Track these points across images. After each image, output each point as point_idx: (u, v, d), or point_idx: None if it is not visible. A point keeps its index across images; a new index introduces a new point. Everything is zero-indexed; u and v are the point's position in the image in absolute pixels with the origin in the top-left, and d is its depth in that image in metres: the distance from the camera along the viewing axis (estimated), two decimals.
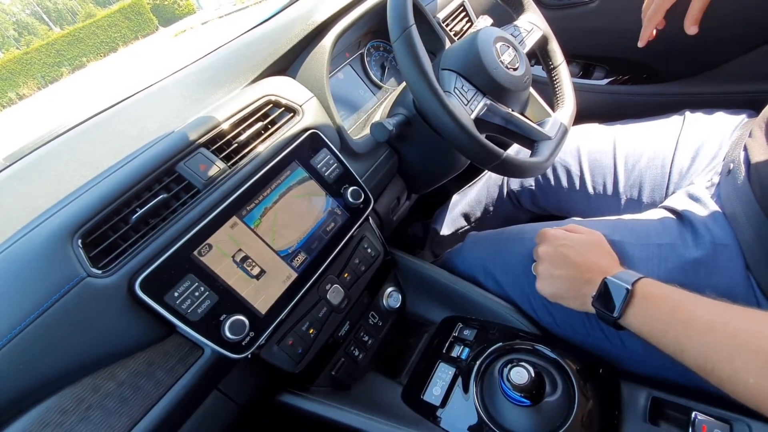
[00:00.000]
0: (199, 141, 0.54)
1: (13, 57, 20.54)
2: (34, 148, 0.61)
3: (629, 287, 0.46)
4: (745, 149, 0.57)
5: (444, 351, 0.64)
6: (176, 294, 0.46)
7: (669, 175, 0.71)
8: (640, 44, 0.75)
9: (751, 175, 0.53)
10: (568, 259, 0.53)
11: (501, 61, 0.63)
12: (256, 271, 0.53)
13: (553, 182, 0.86)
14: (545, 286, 0.56)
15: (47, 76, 21.14)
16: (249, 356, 0.51)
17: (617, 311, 0.46)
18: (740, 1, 0.79)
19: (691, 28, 0.68)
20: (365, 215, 0.66)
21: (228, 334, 0.48)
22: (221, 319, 0.48)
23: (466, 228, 1.06)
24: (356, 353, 0.67)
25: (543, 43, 0.75)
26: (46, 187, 0.51)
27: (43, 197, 0.50)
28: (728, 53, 0.87)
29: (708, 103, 0.77)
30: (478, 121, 0.62)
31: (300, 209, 0.58)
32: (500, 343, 0.60)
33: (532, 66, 0.70)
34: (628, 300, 0.46)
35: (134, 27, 24.20)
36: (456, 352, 0.63)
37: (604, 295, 0.48)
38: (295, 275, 0.56)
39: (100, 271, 0.44)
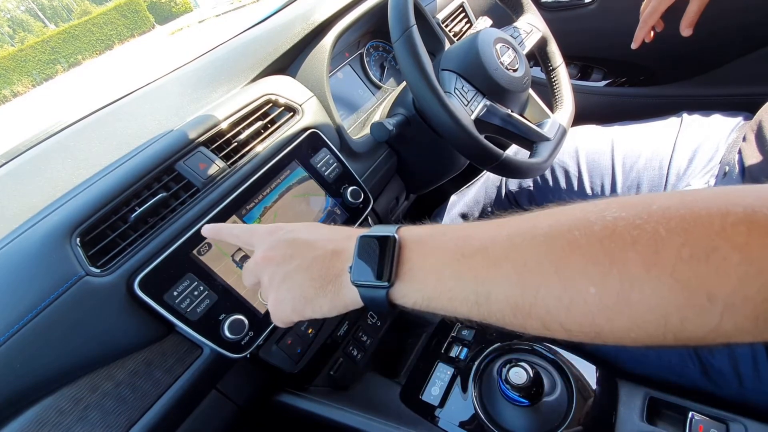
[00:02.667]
0: (199, 140, 0.54)
1: (8, 54, 20.37)
2: (30, 146, 0.60)
3: (394, 234, 0.31)
4: (740, 152, 0.58)
5: (443, 351, 0.64)
6: (175, 293, 0.46)
7: (666, 177, 0.71)
8: (634, 45, 0.76)
9: (746, 177, 0.54)
10: (300, 242, 0.35)
11: (501, 62, 0.63)
12: None
13: (551, 183, 0.86)
14: (281, 298, 0.34)
15: (42, 74, 20.98)
16: (248, 356, 0.51)
17: (388, 274, 0.29)
18: (737, 5, 0.80)
19: (686, 30, 0.68)
20: (365, 215, 0.66)
21: (227, 333, 0.48)
22: (220, 318, 0.48)
23: None
24: (355, 353, 0.67)
25: (542, 44, 0.75)
26: (43, 186, 0.51)
27: (39, 196, 0.50)
28: (725, 56, 0.88)
29: (705, 106, 0.78)
30: (478, 122, 0.62)
31: (299, 208, 0.58)
32: (499, 343, 0.60)
33: (531, 67, 0.70)
34: (398, 253, 0.30)
35: (130, 25, 24.07)
36: (455, 352, 0.63)
37: (361, 259, 0.31)
38: None
39: (98, 270, 0.44)
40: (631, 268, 0.21)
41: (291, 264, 0.34)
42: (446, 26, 0.92)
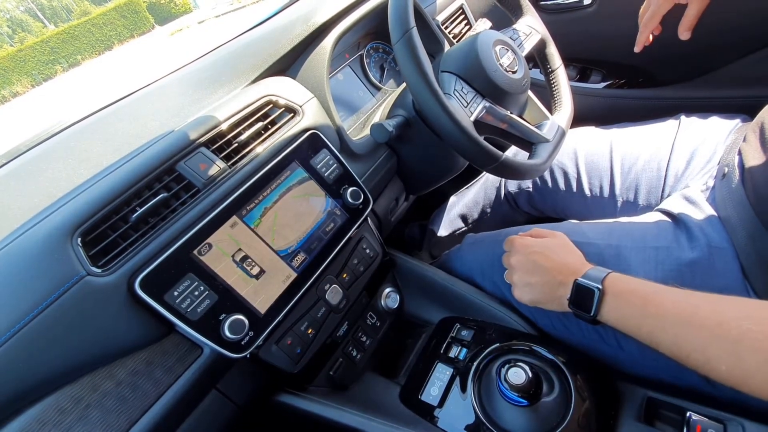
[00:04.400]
0: (200, 140, 0.54)
1: (7, 54, 20.34)
2: (30, 146, 0.60)
3: (600, 287, 0.48)
4: (740, 153, 0.58)
5: (442, 351, 0.64)
6: (176, 293, 0.46)
7: (665, 178, 0.72)
8: (637, 49, 0.76)
9: (745, 179, 0.54)
10: (539, 266, 0.55)
11: (500, 64, 0.63)
12: (255, 270, 0.53)
13: (550, 184, 0.87)
14: (523, 293, 0.58)
15: (42, 74, 20.96)
16: (248, 356, 0.51)
17: (592, 311, 0.48)
18: (735, 8, 0.81)
19: (684, 33, 0.69)
20: (364, 216, 0.66)
21: (227, 333, 0.48)
22: (221, 318, 0.48)
23: (463, 229, 1.07)
24: (354, 353, 0.67)
25: (541, 46, 0.75)
26: (44, 186, 0.51)
27: (40, 196, 0.50)
28: (724, 58, 0.89)
29: (703, 107, 0.78)
30: (477, 123, 0.62)
31: (300, 209, 0.59)
32: (498, 344, 0.60)
33: (530, 69, 0.70)
34: (600, 299, 0.47)
35: (130, 25, 24.06)
36: (454, 352, 0.64)
37: (577, 296, 0.50)
38: (294, 275, 0.56)
39: (99, 270, 0.44)
40: (749, 365, 0.35)
41: (532, 278, 0.56)
42: (446, 28, 0.93)
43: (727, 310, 0.39)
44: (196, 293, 0.47)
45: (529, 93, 0.72)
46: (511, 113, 0.65)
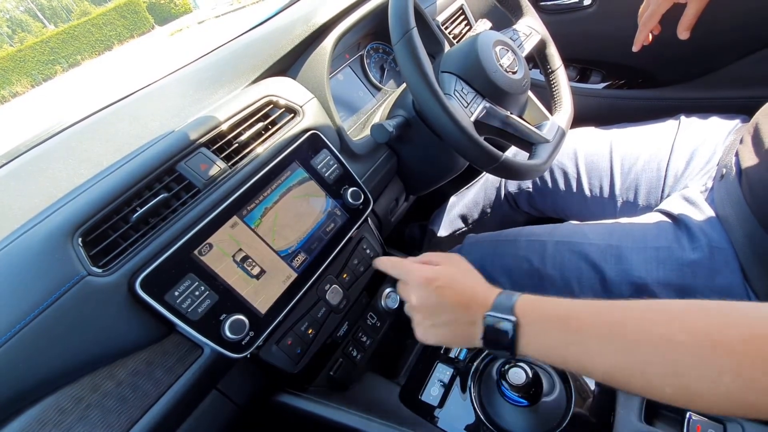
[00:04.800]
0: (200, 141, 0.54)
1: (6, 54, 20.33)
2: (31, 146, 0.60)
3: (513, 318, 0.40)
4: (737, 155, 0.58)
5: (442, 351, 0.65)
6: (176, 293, 0.46)
7: (664, 179, 0.72)
8: (635, 48, 0.77)
9: (742, 180, 0.54)
10: (445, 302, 0.47)
11: (500, 64, 0.64)
12: (256, 270, 0.53)
13: (550, 185, 0.87)
14: (427, 335, 0.49)
15: (41, 74, 20.96)
16: (248, 356, 0.51)
17: (507, 348, 0.40)
18: (734, 8, 0.81)
19: (683, 33, 0.69)
20: (365, 216, 0.66)
21: (228, 333, 0.48)
22: (221, 318, 0.48)
23: (463, 230, 1.07)
24: (354, 354, 0.67)
25: (541, 47, 0.75)
26: (44, 186, 0.51)
27: (41, 196, 0.50)
28: (723, 59, 0.89)
29: (703, 108, 0.78)
30: (477, 124, 0.63)
31: (300, 209, 0.59)
32: None
33: (530, 70, 0.70)
34: (516, 333, 0.40)
35: (130, 25, 24.07)
36: (454, 352, 0.64)
37: (491, 334, 0.42)
38: (294, 275, 0.56)
39: (100, 270, 0.44)
40: (698, 384, 0.29)
41: (439, 318, 0.47)
42: (446, 28, 0.93)
43: (655, 325, 0.32)
44: (197, 293, 0.47)
45: (529, 93, 0.72)
46: (511, 114, 0.65)
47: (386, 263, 0.57)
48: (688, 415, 0.49)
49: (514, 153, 0.93)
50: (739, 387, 0.27)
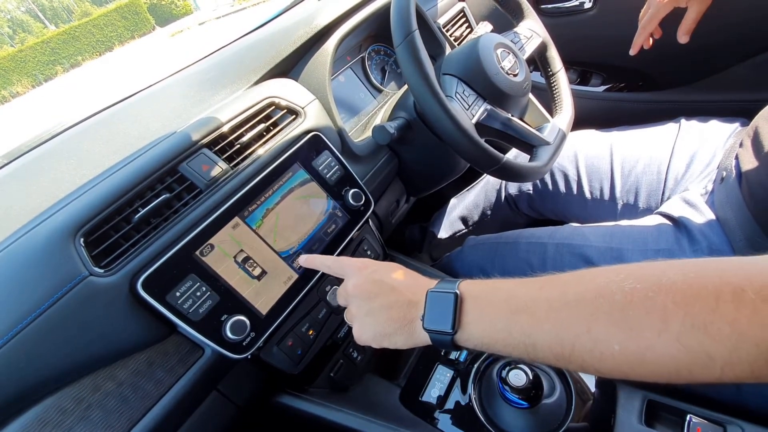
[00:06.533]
0: (202, 141, 0.54)
1: (7, 55, 20.36)
2: (32, 147, 0.60)
3: (456, 291, 0.38)
4: (737, 158, 0.58)
5: (442, 353, 0.65)
6: (178, 294, 0.46)
7: (665, 181, 0.72)
8: (632, 51, 0.77)
9: (742, 183, 0.55)
10: (384, 284, 0.43)
11: (501, 67, 0.64)
12: (257, 271, 0.53)
13: (550, 187, 0.87)
14: (364, 327, 0.44)
15: (42, 74, 20.98)
16: (249, 357, 0.51)
17: (450, 324, 0.37)
18: (734, 12, 0.81)
19: (683, 37, 0.70)
20: (366, 217, 0.66)
21: (229, 334, 0.48)
22: (222, 319, 0.48)
23: (463, 231, 1.07)
24: (355, 355, 0.67)
25: (542, 49, 0.76)
26: (46, 186, 0.51)
27: (43, 196, 0.50)
28: (723, 62, 0.89)
29: (703, 111, 0.79)
30: (479, 126, 0.63)
31: (301, 211, 0.59)
32: None
33: (531, 72, 0.71)
34: (459, 307, 0.38)
35: (131, 26, 24.11)
36: (454, 354, 0.64)
37: (431, 311, 0.39)
38: (295, 276, 0.56)
39: (102, 270, 0.44)
40: (646, 333, 0.27)
41: (375, 302, 0.43)
42: (447, 31, 0.93)
43: (600, 278, 0.31)
44: (198, 294, 0.47)
45: (530, 96, 0.72)
46: (512, 116, 0.66)
47: (315, 261, 0.52)
48: (688, 418, 0.49)
49: (514, 155, 0.93)
50: (689, 327, 0.25)
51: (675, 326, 0.26)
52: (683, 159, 0.71)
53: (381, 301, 0.43)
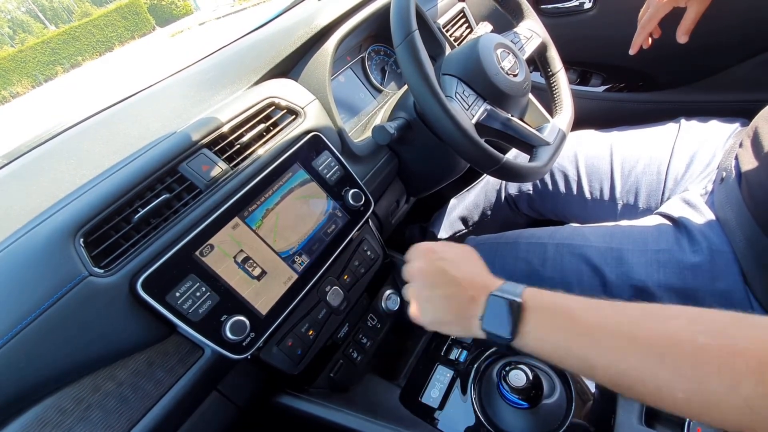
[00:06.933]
0: (202, 142, 0.54)
1: (7, 55, 20.37)
2: (32, 147, 0.60)
3: (518, 300, 0.38)
4: (737, 158, 0.58)
5: (442, 353, 0.65)
6: (178, 294, 0.46)
7: (664, 182, 0.72)
8: (632, 51, 0.77)
9: (742, 183, 0.55)
10: (447, 275, 0.44)
11: (501, 67, 0.64)
12: (257, 272, 0.53)
13: (550, 187, 0.87)
14: (424, 311, 0.45)
15: (42, 75, 20.99)
16: (249, 357, 0.51)
17: (508, 331, 0.37)
18: (734, 12, 0.81)
19: (682, 37, 0.70)
20: (365, 217, 0.66)
21: (229, 334, 0.48)
22: (222, 319, 0.48)
23: (463, 232, 1.07)
24: (355, 355, 0.67)
25: (542, 50, 0.76)
26: (46, 186, 0.51)
27: (43, 196, 0.50)
28: (723, 62, 0.89)
29: (703, 111, 0.79)
30: (478, 126, 0.63)
31: (301, 211, 0.59)
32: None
33: (531, 72, 0.71)
34: (519, 315, 0.38)
35: (131, 27, 24.12)
36: (454, 354, 0.64)
37: (492, 315, 0.39)
38: (295, 276, 0.56)
39: (101, 271, 0.44)
40: (714, 390, 0.27)
41: (435, 291, 0.44)
42: (447, 31, 0.93)
43: (674, 323, 0.31)
44: (198, 294, 0.47)
45: (530, 96, 0.72)
46: (512, 116, 0.66)
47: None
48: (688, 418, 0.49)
49: (514, 155, 0.93)
50: (760, 395, 0.25)
51: (746, 390, 0.26)
52: (683, 159, 0.71)
53: (442, 291, 0.44)
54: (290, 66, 0.72)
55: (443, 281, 0.44)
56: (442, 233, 1.08)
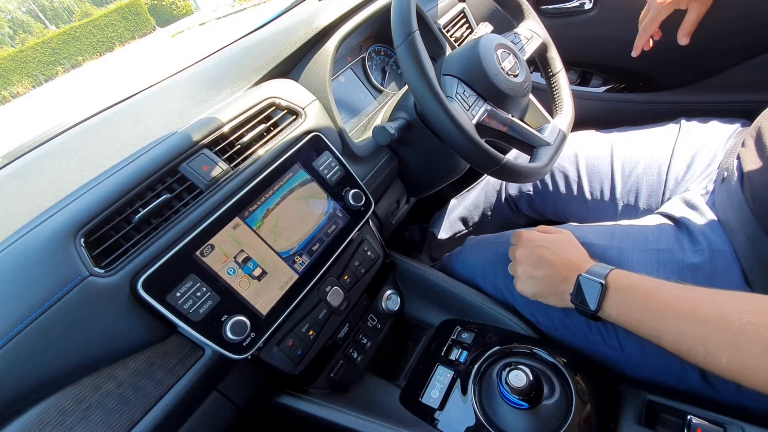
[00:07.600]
0: (203, 142, 0.54)
1: (8, 55, 20.38)
2: (33, 147, 0.60)
3: (603, 282, 0.49)
4: (739, 158, 0.58)
5: (442, 354, 0.65)
6: (178, 294, 0.46)
7: (665, 182, 0.72)
8: (634, 54, 0.77)
9: (744, 183, 0.55)
10: (544, 260, 0.56)
11: (502, 67, 0.64)
12: (257, 272, 0.53)
13: (551, 188, 0.87)
14: (526, 286, 0.59)
15: (43, 75, 21.01)
16: (249, 357, 0.51)
17: (594, 306, 0.49)
18: (735, 13, 0.81)
19: (683, 39, 0.70)
20: (366, 218, 0.66)
21: (229, 334, 0.48)
22: (222, 319, 0.48)
23: (464, 232, 1.07)
24: (355, 355, 0.67)
25: (542, 50, 0.76)
26: (46, 187, 0.51)
27: (43, 196, 0.50)
28: (723, 63, 0.89)
29: (703, 112, 0.79)
30: (479, 127, 0.63)
31: (301, 211, 0.59)
32: (498, 347, 0.60)
33: (531, 73, 0.71)
34: (603, 294, 0.48)
35: (131, 27, 24.14)
36: (454, 355, 0.64)
37: (580, 291, 0.51)
38: (296, 277, 0.56)
39: (102, 271, 0.44)
40: (749, 356, 0.36)
41: (536, 271, 0.57)
42: (447, 31, 0.93)
43: (727, 304, 0.40)
44: (198, 294, 0.47)
45: (531, 96, 0.72)
46: (512, 116, 0.66)
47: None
48: (689, 418, 0.49)
49: (515, 156, 0.93)
50: None
51: None
52: (684, 160, 0.71)
53: (540, 272, 0.56)
54: (291, 66, 0.72)
55: (541, 265, 0.56)
56: (442, 233, 1.08)
